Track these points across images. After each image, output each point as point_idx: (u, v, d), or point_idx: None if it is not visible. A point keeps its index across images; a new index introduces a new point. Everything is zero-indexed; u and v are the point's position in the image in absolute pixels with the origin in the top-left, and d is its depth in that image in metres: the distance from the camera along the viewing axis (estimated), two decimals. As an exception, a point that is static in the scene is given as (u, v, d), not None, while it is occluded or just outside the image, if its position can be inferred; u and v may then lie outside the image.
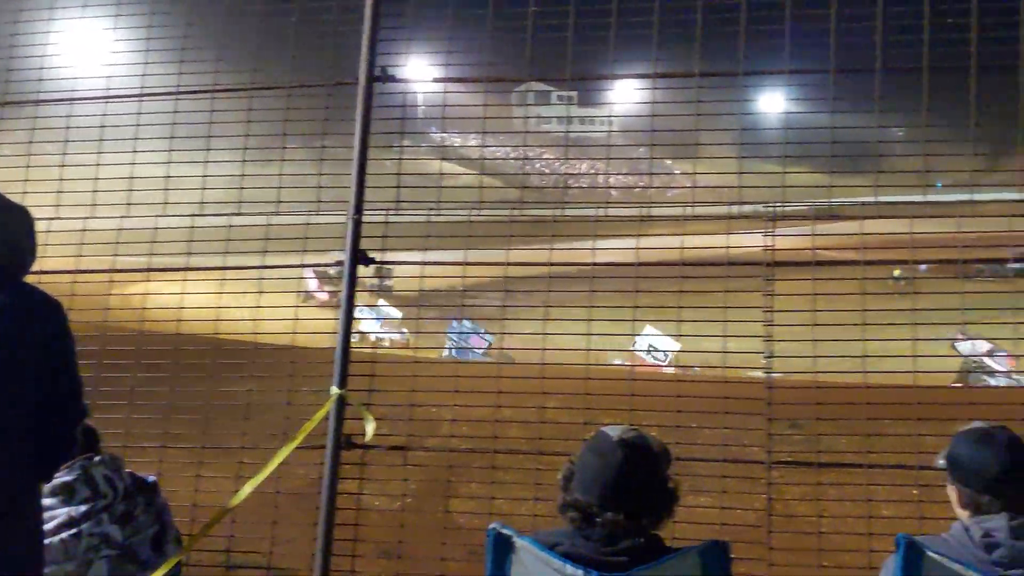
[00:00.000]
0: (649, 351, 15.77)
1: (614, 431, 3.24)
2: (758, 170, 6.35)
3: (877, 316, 6.03)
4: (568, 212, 6.93)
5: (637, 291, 6.01)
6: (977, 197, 6.28)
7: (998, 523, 3.29)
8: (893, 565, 3.24)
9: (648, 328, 14.94)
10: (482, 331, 16.01)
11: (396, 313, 20.22)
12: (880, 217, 6.58)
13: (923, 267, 8.48)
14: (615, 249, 6.12)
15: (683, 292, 5.93)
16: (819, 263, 6.09)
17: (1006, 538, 3.25)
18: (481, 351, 16.52)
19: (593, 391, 5.84)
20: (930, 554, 3.17)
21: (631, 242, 6.18)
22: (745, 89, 6.35)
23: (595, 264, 6.23)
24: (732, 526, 5.32)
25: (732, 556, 3.23)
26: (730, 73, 6.17)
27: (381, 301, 19.81)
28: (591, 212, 6.66)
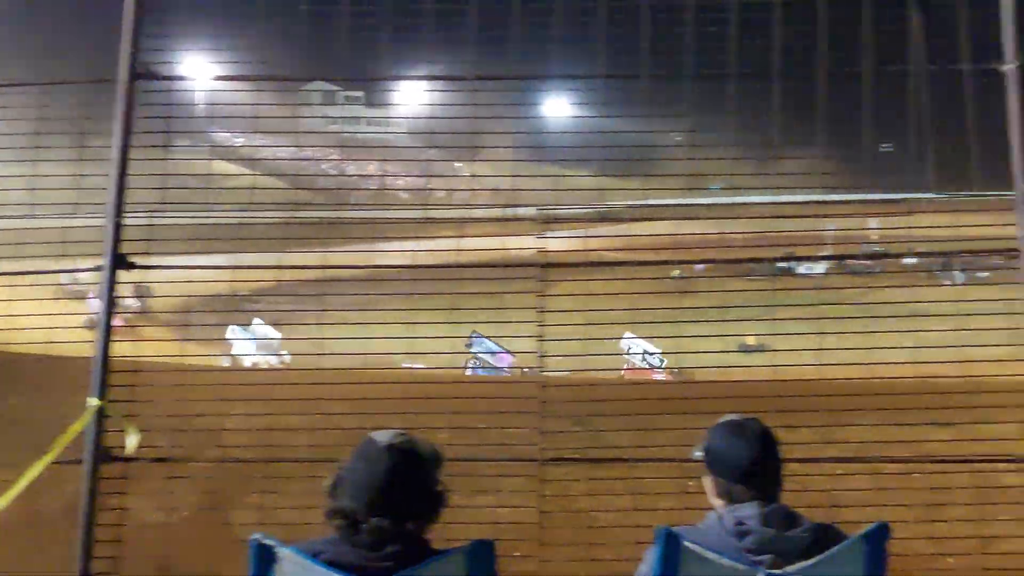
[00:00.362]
0: (644, 357, 15.59)
1: (383, 436, 3.19)
2: (541, 173, 6.40)
3: (658, 315, 6.17)
4: (347, 214, 6.81)
5: (413, 293, 5.97)
6: (748, 199, 6.50)
7: (749, 511, 3.39)
8: (652, 556, 3.31)
9: (627, 333, 14.68)
10: (500, 348, 15.49)
11: (274, 334, 18.88)
12: (658, 219, 6.74)
13: (700, 266, 8.76)
14: (395, 251, 6.07)
15: (460, 294, 5.93)
16: (593, 264, 6.20)
17: (757, 525, 3.36)
18: (507, 368, 15.98)
19: (376, 395, 5.76)
20: (686, 543, 3.24)
21: (410, 244, 6.13)
22: (529, 94, 6.39)
23: (374, 267, 6.16)
24: (512, 524, 5.35)
25: (506, 555, 3.22)
26: (499, 76, 6.20)
27: (257, 320, 18.44)
28: (370, 214, 6.57)
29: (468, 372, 16.06)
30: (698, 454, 3.71)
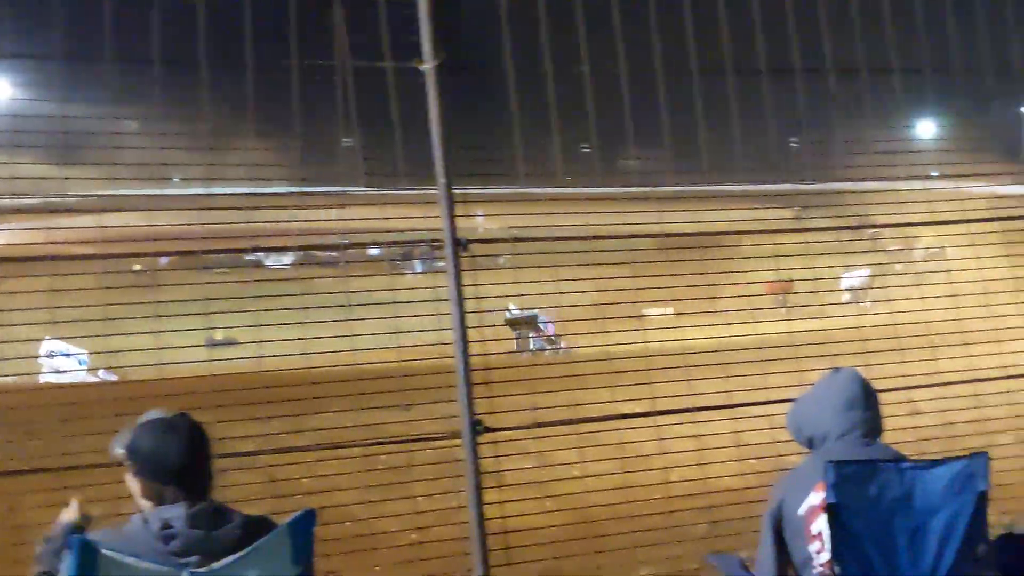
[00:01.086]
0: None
1: None
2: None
3: (120, 310, 5.87)
4: None
5: None
6: (211, 191, 6.33)
7: (175, 512, 3.29)
8: (66, 566, 3.08)
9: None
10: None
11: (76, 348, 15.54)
12: (105, 211, 6.39)
13: (164, 260, 8.44)
14: None
15: None
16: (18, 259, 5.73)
17: (183, 527, 3.26)
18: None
19: None
20: (104, 551, 3.05)
21: None
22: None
23: None
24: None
25: None
26: None
27: (47, 336, 15.02)
28: None
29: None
30: (119, 452, 3.54)
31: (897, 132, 7.28)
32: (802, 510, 4.16)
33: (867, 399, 4.37)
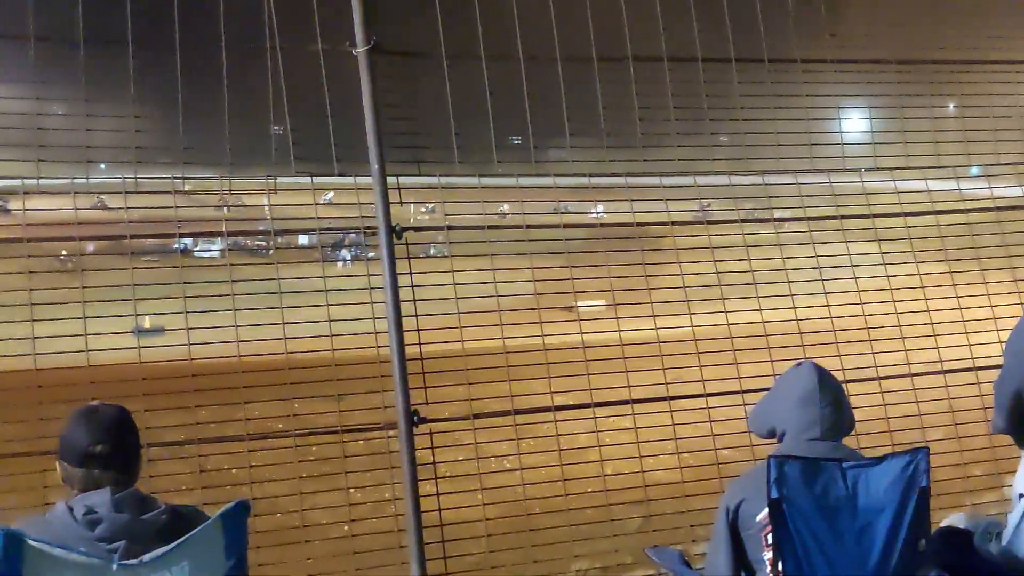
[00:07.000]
0: None
1: None
2: None
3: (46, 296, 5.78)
4: None
5: None
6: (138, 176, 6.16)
7: (100, 498, 3.26)
8: None
9: None
10: None
11: None
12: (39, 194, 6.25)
13: (91, 246, 8.29)
14: None
15: None
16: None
17: (108, 512, 3.23)
18: None
19: None
20: (30, 542, 2.95)
21: None
22: None
23: None
24: None
25: None
26: None
27: None
28: None
29: None
30: None
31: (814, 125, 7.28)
32: (760, 516, 4.12)
33: (826, 394, 4.30)
